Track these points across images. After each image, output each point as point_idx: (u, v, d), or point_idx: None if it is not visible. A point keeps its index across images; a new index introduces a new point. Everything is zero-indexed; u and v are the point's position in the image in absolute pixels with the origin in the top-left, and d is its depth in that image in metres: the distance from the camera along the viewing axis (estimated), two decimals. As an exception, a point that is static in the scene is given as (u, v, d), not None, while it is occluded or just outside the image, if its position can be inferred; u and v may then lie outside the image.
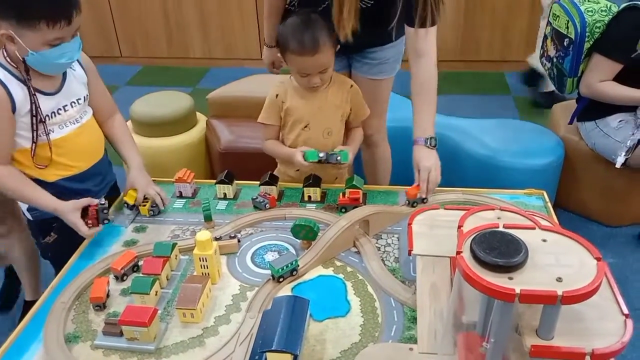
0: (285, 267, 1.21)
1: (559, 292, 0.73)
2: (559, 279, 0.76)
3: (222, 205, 1.57)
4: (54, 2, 1.27)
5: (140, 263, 1.31)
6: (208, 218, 1.44)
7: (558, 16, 2.13)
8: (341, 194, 1.48)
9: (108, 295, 1.22)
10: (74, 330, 1.15)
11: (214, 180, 1.62)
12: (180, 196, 1.61)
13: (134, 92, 3.70)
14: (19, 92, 1.35)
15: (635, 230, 2.27)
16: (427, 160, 1.49)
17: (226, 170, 1.63)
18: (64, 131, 1.45)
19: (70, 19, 1.29)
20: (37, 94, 1.37)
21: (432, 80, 1.58)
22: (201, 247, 1.22)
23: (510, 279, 0.77)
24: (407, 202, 1.47)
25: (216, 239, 1.33)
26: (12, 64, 1.35)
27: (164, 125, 2.24)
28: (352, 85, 1.66)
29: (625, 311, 0.80)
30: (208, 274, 1.24)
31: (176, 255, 1.33)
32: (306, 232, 1.32)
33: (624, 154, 2.03)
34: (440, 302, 1.10)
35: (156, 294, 1.20)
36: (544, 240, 0.85)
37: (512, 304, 0.78)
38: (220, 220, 1.47)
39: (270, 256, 1.33)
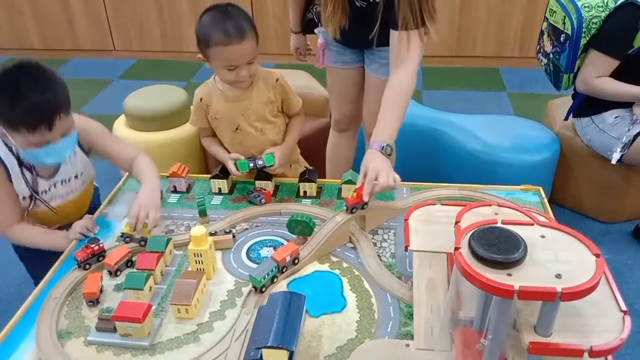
0: (266, 276, 1.18)
1: (558, 289, 0.73)
2: (558, 276, 0.76)
3: (217, 200, 1.55)
4: (34, 110, 1.27)
5: (134, 258, 1.29)
6: (203, 213, 1.43)
7: (555, 12, 2.13)
8: (349, 196, 1.37)
9: (101, 291, 1.21)
10: (66, 326, 1.14)
11: (209, 175, 1.61)
12: (175, 191, 1.60)
13: (127, 85, 3.67)
14: (15, 168, 1.43)
15: (630, 227, 2.27)
16: (377, 163, 1.37)
17: (221, 165, 1.61)
18: (54, 202, 1.51)
19: (51, 125, 1.29)
20: (29, 174, 1.44)
21: (406, 92, 1.50)
22: (196, 242, 1.21)
23: (509, 275, 0.76)
24: (346, 208, 1.34)
25: (211, 234, 1.32)
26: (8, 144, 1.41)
27: (158, 119, 2.22)
28: (277, 79, 1.61)
29: (624, 308, 0.80)
30: (203, 269, 1.23)
31: (170, 251, 1.32)
32: (302, 228, 1.31)
33: (619, 150, 2.03)
34: (437, 298, 1.10)
35: (150, 290, 1.19)
36: (543, 237, 0.85)
37: (510, 300, 0.77)
38: (215, 216, 1.46)
39: (265, 251, 1.32)
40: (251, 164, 1.55)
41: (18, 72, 1.30)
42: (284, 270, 1.23)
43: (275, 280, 1.21)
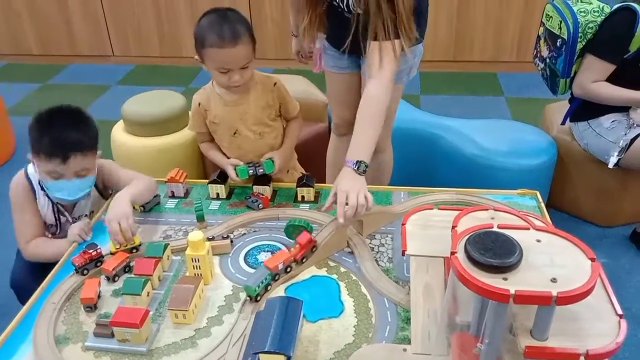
0: (261, 284, 1.18)
1: (554, 293, 0.73)
2: (554, 280, 0.76)
3: (214, 205, 1.56)
4: (55, 139, 1.39)
5: (132, 264, 1.29)
6: (200, 218, 1.43)
7: (551, 17, 2.14)
8: (294, 247, 1.29)
9: (99, 296, 1.21)
10: (64, 331, 1.14)
11: (207, 180, 1.61)
12: (173, 196, 1.60)
13: (126, 91, 3.67)
14: (41, 193, 1.53)
15: (627, 231, 2.28)
16: (347, 184, 1.32)
17: (219, 170, 1.62)
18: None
19: (66, 158, 1.39)
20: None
21: (378, 104, 1.45)
22: (194, 247, 1.21)
23: (505, 279, 0.77)
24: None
25: (209, 239, 1.32)
26: None
27: (156, 124, 2.22)
28: (275, 83, 1.63)
29: (620, 312, 0.80)
30: (200, 274, 1.23)
31: (168, 256, 1.32)
32: (299, 232, 1.31)
33: (616, 154, 2.04)
34: (434, 302, 1.10)
35: (148, 295, 1.19)
36: (538, 241, 0.85)
37: (506, 304, 0.77)
38: (212, 221, 1.46)
39: (263, 256, 1.33)
40: (251, 171, 1.55)
41: (57, 111, 1.45)
42: (276, 278, 1.22)
43: (269, 288, 1.21)
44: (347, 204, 1.29)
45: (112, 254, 1.32)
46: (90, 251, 1.29)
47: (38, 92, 3.81)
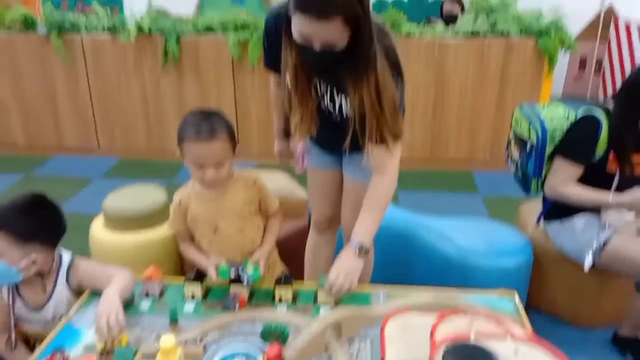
0: None
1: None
2: (531, 396, 0.75)
3: (190, 306, 1.52)
4: None
5: (100, 370, 1.23)
6: (174, 320, 1.39)
7: (519, 122, 2.26)
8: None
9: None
10: None
11: (183, 278, 1.59)
12: (147, 295, 1.56)
13: (108, 184, 3.70)
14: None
15: (608, 334, 2.26)
16: (343, 264, 1.48)
17: (195, 268, 1.60)
18: (35, 326, 1.57)
19: None
20: (18, 300, 1.54)
21: (382, 196, 1.58)
22: (164, 354, 1.17)
23: (483, 395, 0.75)
24: None
25: (182, 343, 1.28)
26: None
27: (136, 220, 2.20)
28: (255, 181, 1.69)
29: None
30: (171, 382, 1.17)
31: (138, 362, 1.26)
32: (276, 337, 1.28)
33: (590, 256, 2.06)
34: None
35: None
36: (516, 352, 0.85)
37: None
38: (187, 323, 1.42)
39: (237, 362, 1.28)
40: (233, 274, 1.53)
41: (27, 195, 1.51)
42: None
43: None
44: None
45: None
46: (57, 356, 1.23)
47: (19, 184, 3.82)
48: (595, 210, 2.15)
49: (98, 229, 2.27)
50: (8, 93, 4.23)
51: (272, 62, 1.62)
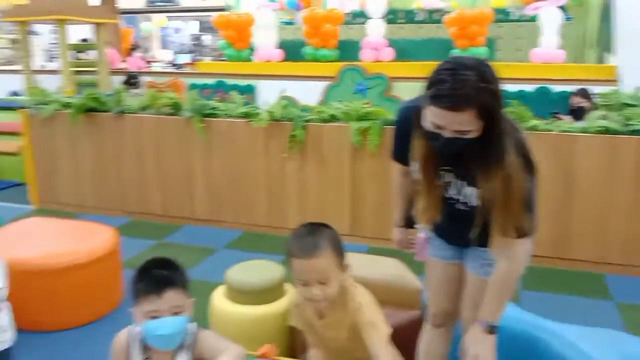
0: None
1: None
2: None
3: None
4: (148, 279, 1.55)
5: None
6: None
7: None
8: None
9: None
10: None
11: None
12: (260, 372, 1.60)
13: (230, 255, 3.95)
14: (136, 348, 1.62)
15: None
16: (477, 346, 1.46)
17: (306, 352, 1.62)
18: None
19: (160, 293, 1.52)
20: None
21: (507, 282, 1.59)
22: None
23: None
24: None
25: None
26: None
27: (253, 293, 2.31)
28: (357, 307, 1.64)
29: None
30: None
31: None
32: None
33: None
34: None
35: None
36: None
37: None
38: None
39: None
40: None
41: (152, 261, 1.61)
42: None
43: None
44: None
45: None
46: None
47: (153, 248, 4.19)
48: None
49: (219, 299, 2.40)
50: (152, 166, 4.76)
51: (400, 152, 1.68)
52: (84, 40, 10.35)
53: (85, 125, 4.87)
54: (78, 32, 10.31)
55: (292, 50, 8.82)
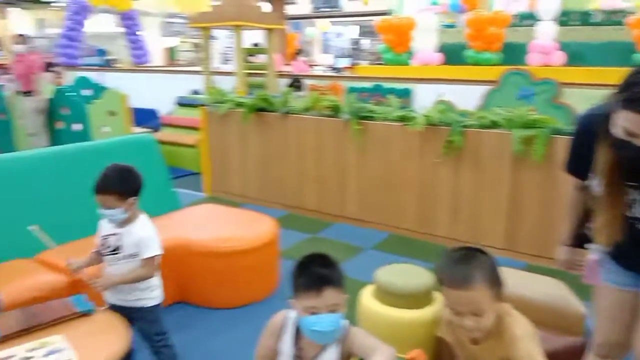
0: None
1: None
2: None
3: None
4: (309, 276, 1.60)
5: None
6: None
7: None
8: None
9: None
10: None
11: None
12: (410, 375, 1.62)
13: (376, 256, 4.01)
14: (287, 339, 1.71)
15: None
16: None
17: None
18: None
19: (320, 291, 1.57)
20: (296, 349, 1.69)
21: None
22: None
23: None
24: None
25: None
26: None
27: (404, 297, 2.33)
28: (513, 339, 1.51)
29: None
30: None
31: None
32: None
33: None
34: None
35: None
36: None
37: None
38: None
39: None
40: None
41: (311, 255, 1.68)
42: None
43: None
44: None
45: None
46: None
47: (307, 241, 4.42)
48: None
49: (368, 298, 2.46)
50: (311, 164, 5.01)
51: (578, 165, 1.57)
52: (255, 44, 11.26)
53: (254, 123, 5.31)
54: (249, 37, 11.23)
55: (452, 54, 8.63)
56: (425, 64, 8.61)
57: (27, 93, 6.83)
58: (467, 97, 6.47)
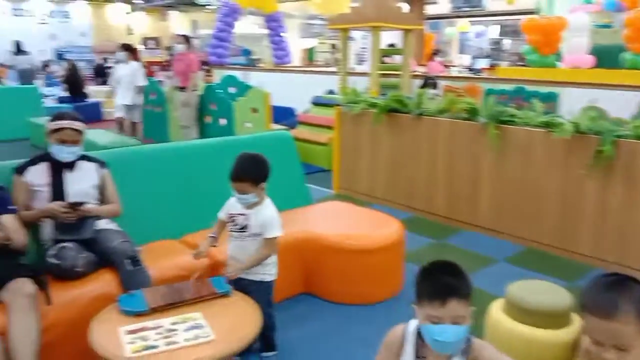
0: None
1: None
2: None
3: None
4: (434, 284, 1.58)
5: None
6: None
7: None
8: None
9: None
10: None
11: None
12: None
13: (510, 270, 3.81)
14: (407, 354, 1.68)
15: None
16: None
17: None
18: None
19: (444, 302, 1.53)
20: None
21: None
22: None
23: None
24: None
25: None
26: None
27: (537, 315, 2.18)
28: None
29: None
30: None
31: None
32: None
33: None
34: None
35: None
36: None
37: None
38: None
39: None
40: None
41: (437, 263, 1.65)
42: None
43: None
44: None
45: None
46: None
47: (433, 246, 4.33)
48: None
49: (498, 313, 2.34)
50: (442, 168, 4.89)
51: None
52: (391, 45, 11.24)
53: (386, 124, 5.32)
54: (386, 37, 11.24)
55: (606, 56, 7.86)
56: (575, 67, 7.94)
57: (183, 89, 7.53)
58: (621, 105, 5.86)
